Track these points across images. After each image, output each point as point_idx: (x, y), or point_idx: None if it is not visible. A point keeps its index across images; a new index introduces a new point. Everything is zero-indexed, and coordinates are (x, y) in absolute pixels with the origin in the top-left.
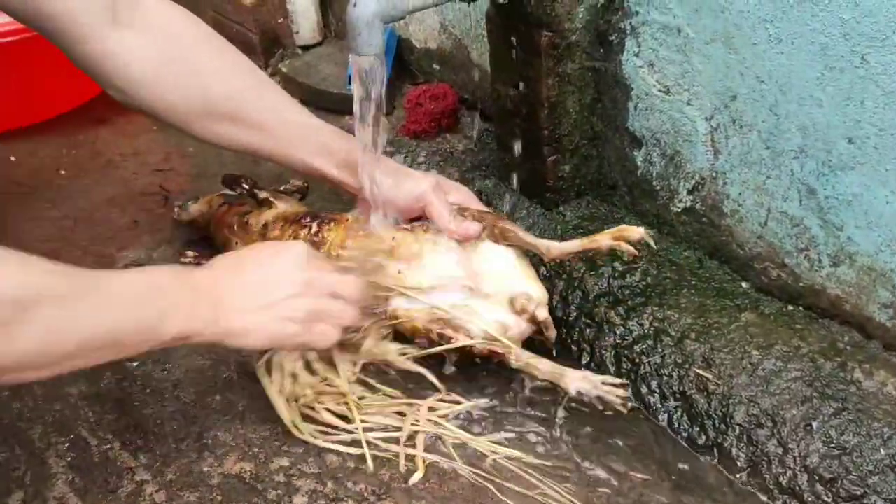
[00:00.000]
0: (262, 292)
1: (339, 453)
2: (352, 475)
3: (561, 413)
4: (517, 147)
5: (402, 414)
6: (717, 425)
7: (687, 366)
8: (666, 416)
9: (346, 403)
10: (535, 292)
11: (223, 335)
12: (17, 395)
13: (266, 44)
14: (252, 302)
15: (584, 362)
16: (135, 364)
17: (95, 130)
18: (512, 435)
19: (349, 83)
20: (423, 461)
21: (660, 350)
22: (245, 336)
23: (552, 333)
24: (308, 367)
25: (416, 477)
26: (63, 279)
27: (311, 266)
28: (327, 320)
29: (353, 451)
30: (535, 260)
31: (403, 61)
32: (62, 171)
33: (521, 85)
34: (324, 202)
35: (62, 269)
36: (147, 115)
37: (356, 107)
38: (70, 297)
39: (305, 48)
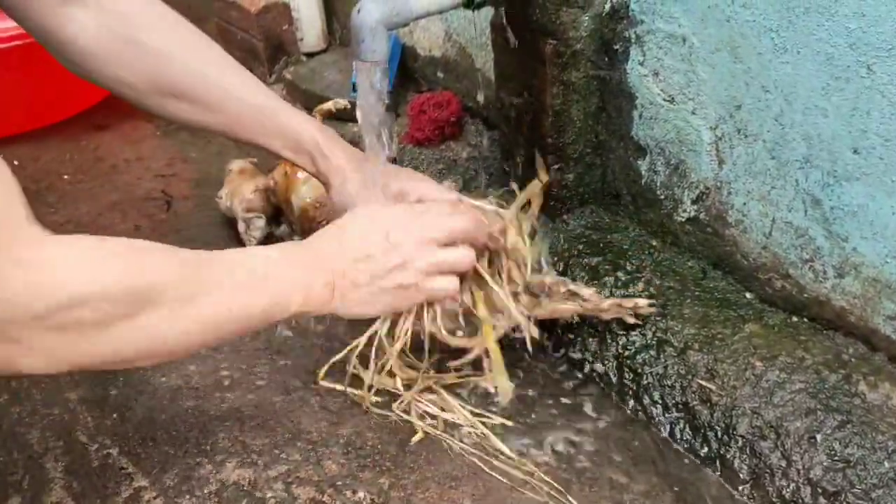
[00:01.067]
0: (365, 258)
1: (338, 462)
2: (351, 483)
3: (562, 423)
4: (521, 155)
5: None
6: (719, 437)
7: (690, 377)
8: (668, 426)
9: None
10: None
11: (336, 308)
12: (16, 400)
13: (271, 51)
14: (363, 276)
15: (585, 371)
16: (133, 369)
17: (98, 136)
18: (513, 445)
19: (353, 90)
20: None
21: (662, 360)
22: (356, 307)
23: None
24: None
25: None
26: (182, 262)
27: (414, 223)
28: (444, 271)
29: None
30: None
31: (407, 69)
32: (65, 176)
33: (526, 93)
34: None
35: (186, 255)
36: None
37: (360, 114)
38: (189, 279)
39: (310, 55)
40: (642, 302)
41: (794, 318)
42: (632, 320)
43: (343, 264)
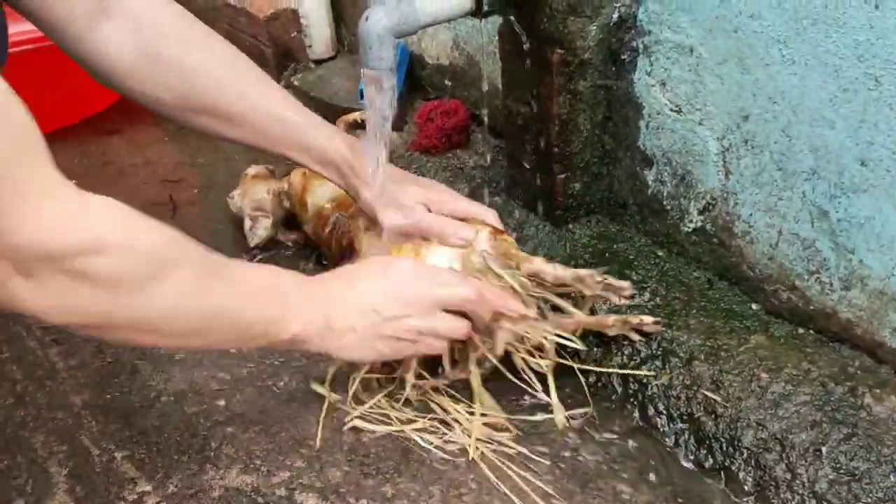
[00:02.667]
0: (370, 311)
1: (342, 469)
2: (354, 490)
3: (567, 433)
4: (527, 164)
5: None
6: (724, 448)
7: (695, 388)
8: (673, 437)
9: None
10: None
11: (331, 349)
12: (21, 403)
13: (279, 57)
14: (360, 320)
15: (590, 381)
16: (139, 374)
17: (106, 140)
18: (515, 453)
19: (361, 97)
20: None
21: (668, 371)
22: (350, 352)
23: None
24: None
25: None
26: (203, 255)
27: (422, 282)
28: (434, 335)
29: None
30: None
31: (415, 77)
32: (73, 181)
33: (533, 102)
34: None
35: (202, 247)
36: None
37: (367, 122)
38: (206, 270)
39: (318, 62)
40: (648, 319)
41: (800, 330)
42: (636, 337)
43: (348, 311)
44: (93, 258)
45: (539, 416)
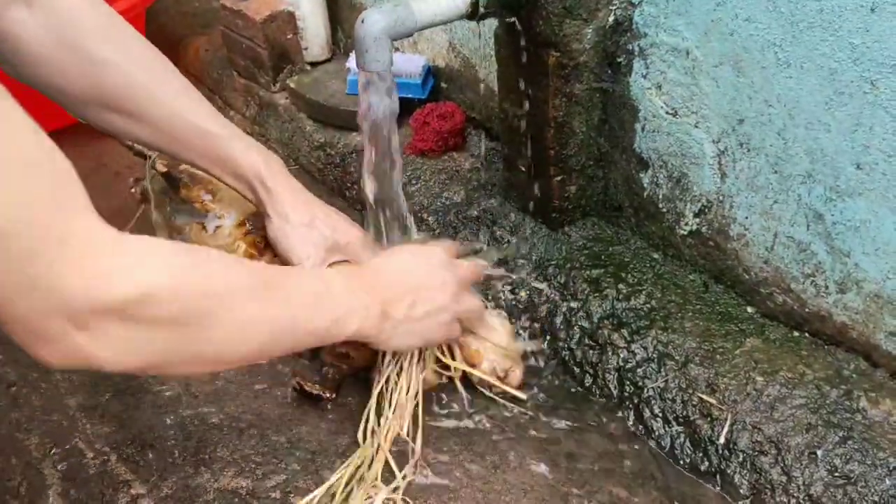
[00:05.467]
0: (420, 304)
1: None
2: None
3: (562, 437)
4: (523, 167)
5: None
6: (720, 451)
7: (690, 390)
8: (668, 440)
9: None
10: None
11: (391, 340)
12: (15, 405)
13: (275, 59)
14: (412, 310)
15: (586, 384)
16: (133, 376)
17: (102, 142)
18: (512, 457)
19: (349, 90)
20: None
21: (663, 374)
22: (402, 340)
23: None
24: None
25: None
26: (252, 273)
27: (450, 267)
28: (464, 318)
29: None
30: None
31: None
32: None
33: (529, 104)
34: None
35: (253, 265)
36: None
37: (364, 125)
38: (258, 289)
39: (314, 64)
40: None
41: (796, 333)
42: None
43: (396, 296)
44: (146, 305)
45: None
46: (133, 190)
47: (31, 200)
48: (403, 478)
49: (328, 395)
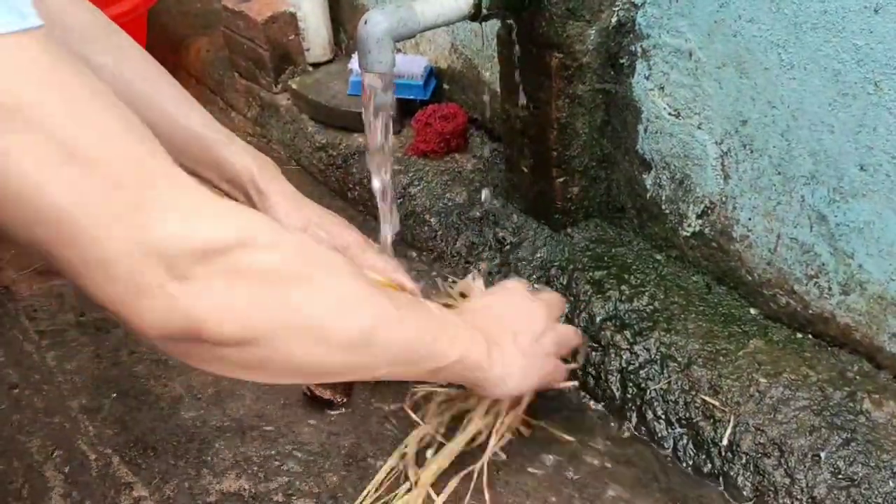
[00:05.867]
0: (521, 335)
1: (339, 474)
2: (351, 495)
3: (563, 438)
4: (526, 168)
5: None
6: (723, 453)
7: (693, 392)
8: (671, 442)
9: None
10: None
11: (490, 380)
12: (17, 407)
13: (276, 60)
14: (518, 347)
15: (589, 386)
16: (136, 378)
17: None
18: (515, 459)
19: (350, 90)
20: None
21: (666, 376)
22: (511, 380)
23: None
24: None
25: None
26: (355, 267)
27: (534, 297)
28: (563, 349)
29: None
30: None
31: None
32: None
33: (531, 106)
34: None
35: (382, 292)
36: None
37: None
38: (361, 279)
39: (316, 65)
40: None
41: (799, 335)
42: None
43: (499, 330)
44: (248, 252)
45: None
46: None
47: (118, 133)
48: None
49: (339, 399)
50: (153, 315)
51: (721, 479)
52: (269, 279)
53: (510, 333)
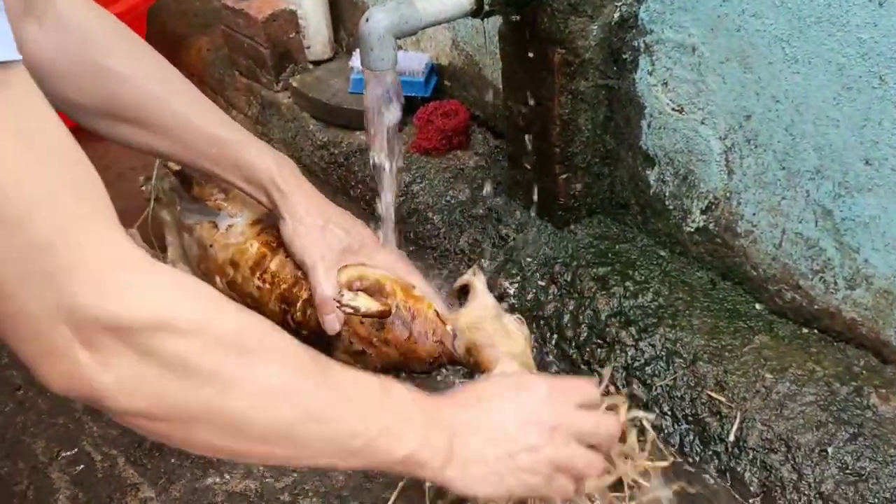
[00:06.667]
0: (505, 439)
1: (345, 473)
2: (357, 495)
3: None
4: (528, 164)
5: None
6: (729, 449)
7: (699, 388)
8: (678, 438)
9: None
10: None
11: (454, 479)
12: (22, 409)
13: (277, 58)
14: (492, 449)
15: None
16: None
17: (105, 144)
18: None
19: (352, 88)
20: None
21: (672, 372)
22: (476, 485)
23: None
24: None
25: None
26: (294, 350)
27: (559, 406)
28: (570, 472)
29: None
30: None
31: None
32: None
33: (534, 102)
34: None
35: (296, 342)
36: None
37: (367, 124)
38: (296, 366)
39: (316, 63)
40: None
41: (805, 330)
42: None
43: (477, 437)
44: (163, 336)
45: None
46: (143, 188)
47: (53, 191)
48: None
49: None
50: (59, 378)
51: (728, 474)
52: (179, 367)
53: (480, 438)
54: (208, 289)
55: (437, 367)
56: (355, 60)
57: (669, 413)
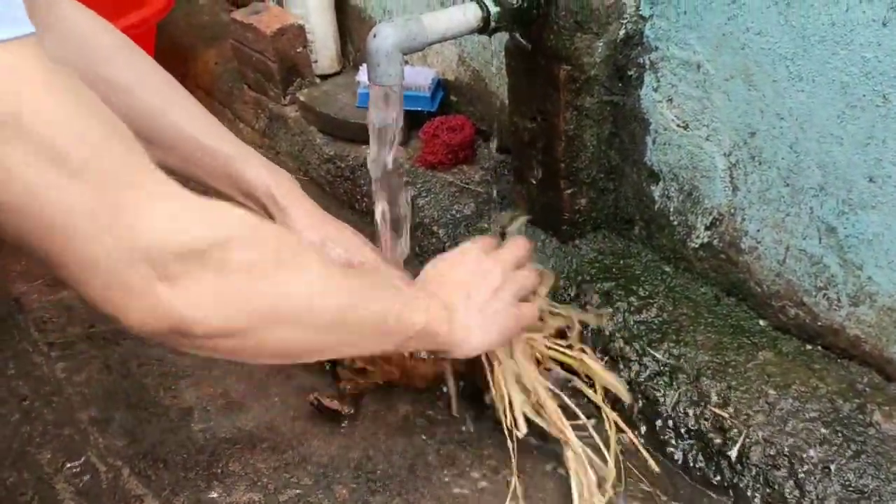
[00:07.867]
0: (475, 293)
1: (348, 486)
2: None
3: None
4: (533, 179)
5: None
6: (732, 465)
7: (703, 404)
8: (681, 454)
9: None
10: None
11: (460, 339)
12: (27, 419)
13: (285, 72)
14: (473, 305)
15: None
16: (146, 390)
17: None
18: (523, 468)
19: (358, 103)
20: None
21: (675, 387)
22: (478, 337)
23: None
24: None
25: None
26: (321, 253)
27: (489, 254)
28: (524, 294)
29: None
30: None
31: None
32: None
33: (539, 118)
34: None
35: (351, 273)
36: None
37: (372, 138)
38: (329, 265)
39: (324, 77)
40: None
41: (808, 347)
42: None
43: (450, 292)
44: (231, 249)
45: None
46: None
47: (108, 139)
48: None
49: (346, 410)
50: (142, 315)
51: (731, 491)
52: (248, 274)
53: (463, 295)
54: (239, 208)
55: (438, 385)
56: (362, 75)
57: (672, 428)
